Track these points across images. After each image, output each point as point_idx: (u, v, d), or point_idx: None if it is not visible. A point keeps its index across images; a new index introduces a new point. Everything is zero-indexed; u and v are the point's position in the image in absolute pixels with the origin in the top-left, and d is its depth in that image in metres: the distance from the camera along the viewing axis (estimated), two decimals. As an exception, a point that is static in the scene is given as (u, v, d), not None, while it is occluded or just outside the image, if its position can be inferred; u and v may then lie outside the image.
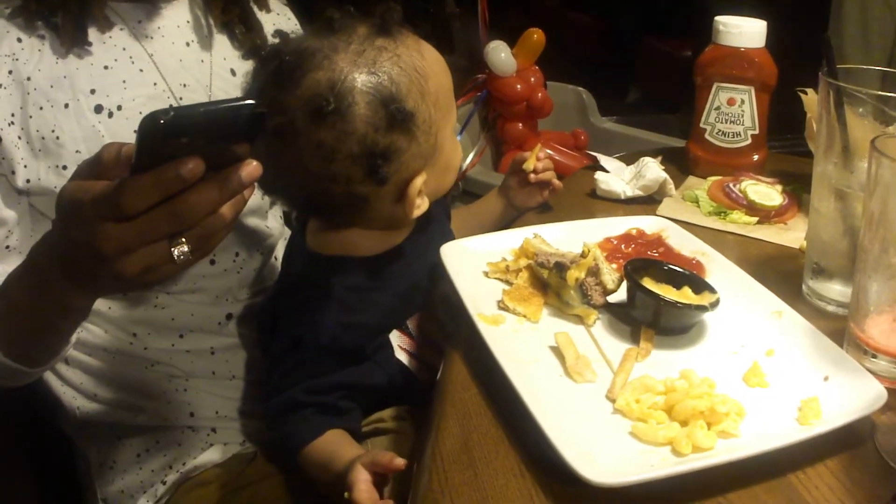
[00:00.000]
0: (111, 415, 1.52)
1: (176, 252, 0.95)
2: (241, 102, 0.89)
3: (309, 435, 1.32)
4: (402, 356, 1.40)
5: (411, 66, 1.24)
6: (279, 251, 1.69)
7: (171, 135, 0.86)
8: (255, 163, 0.94)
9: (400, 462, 1.17)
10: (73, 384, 1.51)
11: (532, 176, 1.63)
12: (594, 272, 1.23)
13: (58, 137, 1.34)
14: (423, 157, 1.28)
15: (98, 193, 0.92)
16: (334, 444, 1.31)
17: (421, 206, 1.31)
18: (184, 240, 0.95)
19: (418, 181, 1.28)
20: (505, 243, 1.40)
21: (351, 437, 1.34)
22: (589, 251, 1.23)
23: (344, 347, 1.33)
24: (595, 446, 0.96)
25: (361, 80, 1.20)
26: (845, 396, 1.03)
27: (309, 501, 1.45)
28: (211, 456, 1.57)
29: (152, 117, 0.84)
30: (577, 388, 1.09)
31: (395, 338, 1.40)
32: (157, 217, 0.92)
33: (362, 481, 1.18)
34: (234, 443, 1.59)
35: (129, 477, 1.55)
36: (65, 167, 1.35)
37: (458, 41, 5.55)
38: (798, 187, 1.69)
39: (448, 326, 1.39)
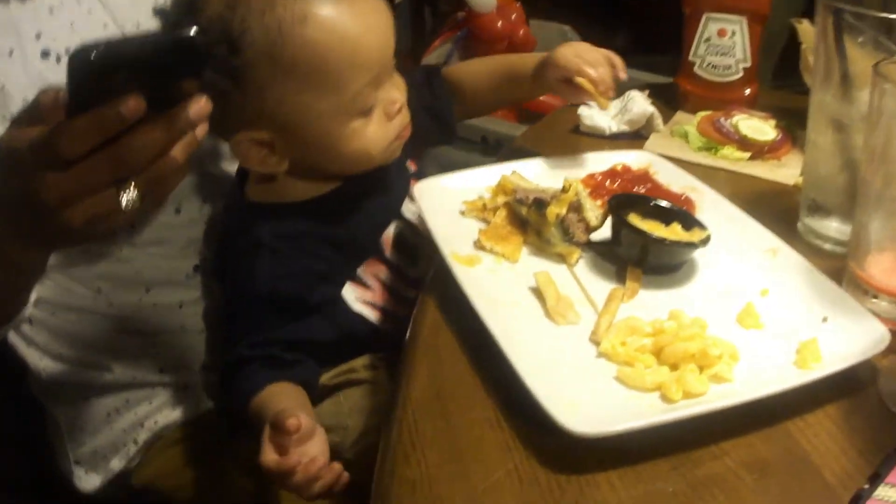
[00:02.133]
0: (78, 375, 1.48)
1: (124, 200, 0.89)
2: (180, 33, 0.82)
3: (250, 391, 1.25)
4: (362, 309, 1.34)
5: (276, 25, 1.14)
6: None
7: (105, 70, 0.80)
8: (203, 99, 0.87)
9: (292, 422, 1.08)
10: (37, 344, 1.46)
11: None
12: (576, 208, 1.17)
13: (3, 86, 1.27)
14: (255, 115, 1.20)
15: (35, 140, 0.86)
16: (269, 399, 1.24)
17: (269, 164, 1.25)
18: (132, 185, 0.89)
19: (242, 135, 1.22)
20: (482, 181, 1.34)
21: (300, 388, 1.28)
22: (570, 186, 1.17)
23: (282, 298, 1.27)
24: (578, 393, 0.91)
25: (216, 8, 1.14)
26: (845, 339, 0.99)
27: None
28: (182, 413, 1.53)
29: (82, 51, 0.78)
30: (559, 331, 1.04)
31: (351, 291, 1.34)
32: (98, 162, 0.86)
33: (266, 443, 1.12)
34: (206, 399, 1.54)
35: (101, 437, 1.51)
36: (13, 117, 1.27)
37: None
38: (792, 123, 1.64)
39: (408, 272, 1.36)
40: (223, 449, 1.47)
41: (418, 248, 1.36)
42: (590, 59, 1.38)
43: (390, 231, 1.37)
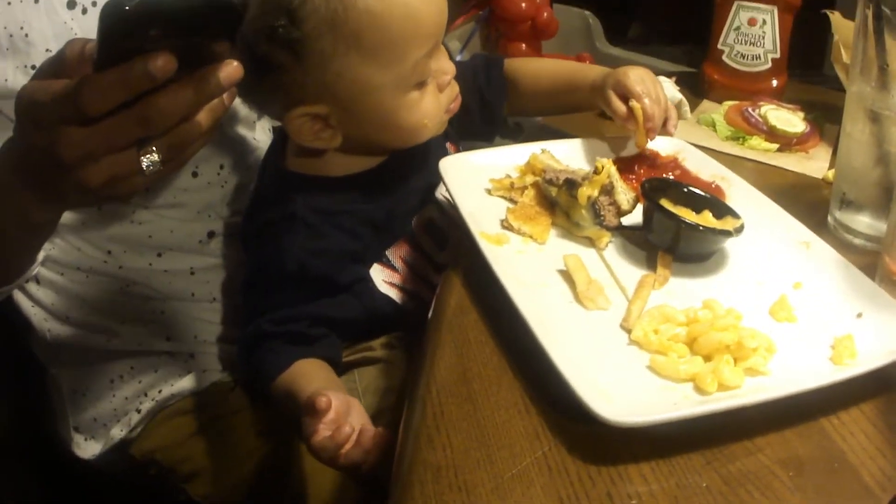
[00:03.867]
0: (83, 338, 1.45)
1: (145, 162, 0.88)
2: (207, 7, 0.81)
3: (276, 368, 1.24)
4: (388, 290, 1.33)
5: None
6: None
7: (137, 25, 0.78)
8: (235, 63, 0.85)
9: (323, 401, 1.07)
10: (43, 305, 1.43)
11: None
12: (608, 191, 1.14)
13: (27, 35, 1.24)
14: (314, 89, 1.18)
15: (59, 93, 0.84)
16: (298, 378, 1.23)
17: (322, 139, 1.23)
18: (154, 148, 0.88)
19: (299, 110, 1.19)
20: (509, 159, 1.30)
21: (327, 365, 1.27)
22: (603, 167, 1.13)
23: (312, 275, 1.25)
24: (609, 381, 0.87)
25: None
26: (881, 335, 0.96)
27: (290, 434, 1.37)
28: (188, 383, 1.50)
29: (115, 4, 0.76)
30: (589, 316, 1.00)
31: (378, 272, 1.32)
32: (123, 120, 0.84)
33: (308, 426, 1.09)
34: (214, 370, 1.51)
35: (102, 404, 1.49)
36: (34, 67, 1.24)
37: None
38: (819, 115, 1.62)
39: (436, 258, 1.34)
40: (231, 422, 1.45)
41: (447, 234, 1.33)
42: (653, 94, 1.33)
43: (423, 213, 1.35)
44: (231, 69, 0.85)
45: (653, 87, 1.34)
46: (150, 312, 1.46)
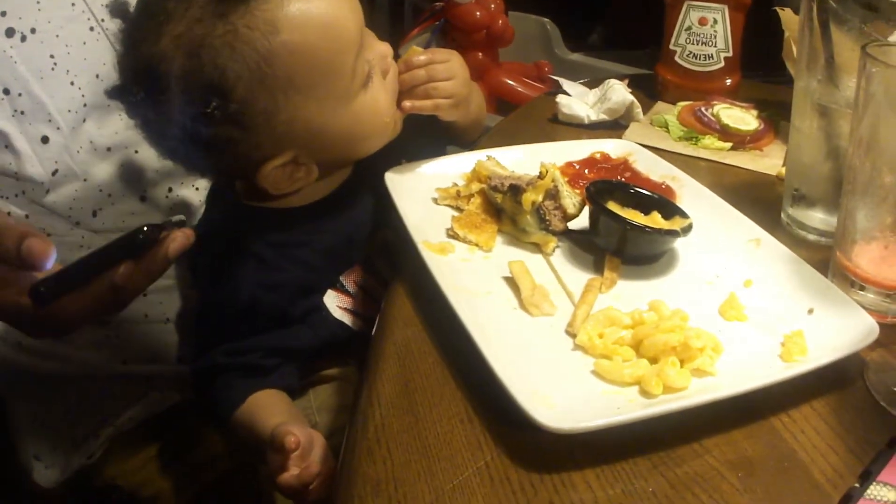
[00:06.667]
0: (38, 366, 1.43)
1: None
2: (124, 245, 0.94)
3: (231, 404, 1.22)
4: (342, 315, 1.30)
5: (251, 48, 1.06)
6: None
7: (61, 292, 0.92)
8: (181, 234, 0.95)
9: (291, 441, 1.06)
10: None
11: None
12: (553, 195, 1.13)
13: None
14: (272, 144, 1.14)
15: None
16: (258, 411, 1.21)
17: (301, 178, 1.20)
18: None
19: (268, 167, 1.16)
20: (456, 167, 1.29)
21: (284, 394, 1.26)
22: (547, 172, 1.13)
23: (264, 309, 1.23)
24: (552, 387, 0.86)
25: (179, 65, 1.06)
26: (832, 331, 0.95)
27: (252, 456, 1.36)
28: (146, 407, 1.48)
29: (33, 289, 0.91)
30: (533, 323, 0.99)
31: (332, 298, 1.30)
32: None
33: (274, 462, 1.10)
34: (171, 392, 1.50)
35: (60, 432, 1.47)
36: None
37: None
38: (774, 113, 1.61)
39: (389, 279, 1.30)
40: (190, 442, 1.45)
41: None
42: (433, 64, 1.31)
43: (378, 236, 1.33)
44: (177, 244, 0.95)
45: (440, 54, 1.32)
46: (104, 336, 1.43)
